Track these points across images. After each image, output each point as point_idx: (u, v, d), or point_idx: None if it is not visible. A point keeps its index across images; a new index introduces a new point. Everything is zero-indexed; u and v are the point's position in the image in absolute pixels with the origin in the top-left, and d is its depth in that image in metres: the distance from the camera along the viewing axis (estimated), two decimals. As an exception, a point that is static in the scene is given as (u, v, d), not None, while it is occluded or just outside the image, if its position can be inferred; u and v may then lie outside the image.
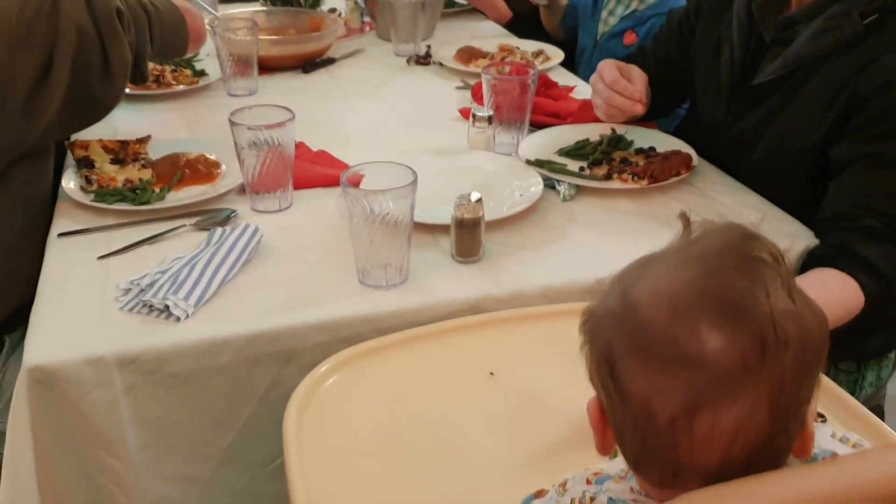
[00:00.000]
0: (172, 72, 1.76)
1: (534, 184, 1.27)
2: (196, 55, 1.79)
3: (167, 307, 0.97)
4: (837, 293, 1.06)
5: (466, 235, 1.09)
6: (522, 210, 1.21)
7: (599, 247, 1.15)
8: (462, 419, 0.87)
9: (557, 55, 1.92)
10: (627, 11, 1.93)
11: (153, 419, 0.96)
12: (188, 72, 1.78)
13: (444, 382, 0.91)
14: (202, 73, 1.79)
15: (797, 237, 1.17)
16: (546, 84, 1.66)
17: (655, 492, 0.58)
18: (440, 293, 1.04)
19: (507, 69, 1.46)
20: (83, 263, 1.09)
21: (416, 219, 1.07)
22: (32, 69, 1.10)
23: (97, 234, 1.16)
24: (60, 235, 1.15)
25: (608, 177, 1.30)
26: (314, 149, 1.45)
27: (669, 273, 0.55)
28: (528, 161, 1.34)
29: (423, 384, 0.90)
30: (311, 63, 1.88)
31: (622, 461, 0.61)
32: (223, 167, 1.34)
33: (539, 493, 0.69)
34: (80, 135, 1.36)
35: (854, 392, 1.33)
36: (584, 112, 1.50)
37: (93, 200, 1.22)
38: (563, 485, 0.66)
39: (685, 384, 0.52)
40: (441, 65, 1.88)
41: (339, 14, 2.17)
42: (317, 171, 1.34)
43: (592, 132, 1.45)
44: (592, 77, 1.39)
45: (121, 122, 1.51)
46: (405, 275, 1.07)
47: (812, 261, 1.12)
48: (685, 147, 1.38)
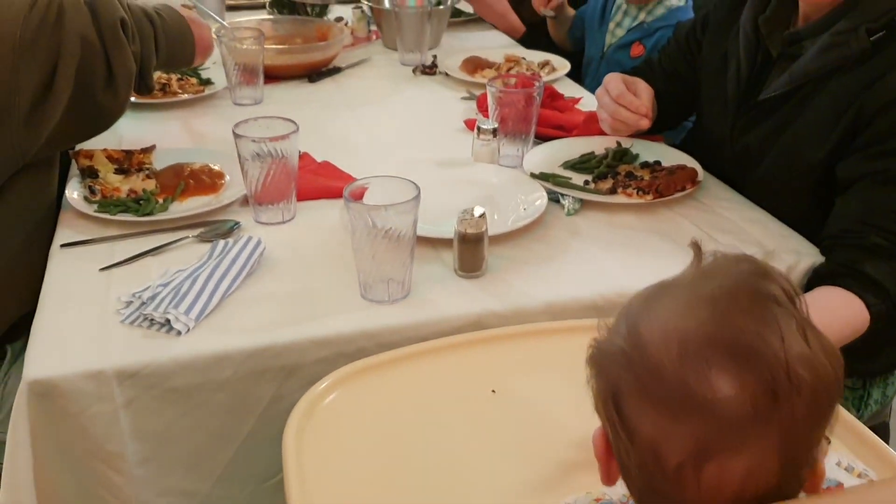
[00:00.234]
0: (179, 80, 1.76)
1: (538, 198, 1.26)
2: (202, 64, 1.79)
3: (168, 321, 0.97)
4: (843, 312, 1.05)
5: (469, 250, 1.09)
6: (526, 224, 1.20)
7: (603, 262, 1.15)
8: (463, 438, 0.86)
9: (563, 66, 1.91)
10: (635, 23, 1.92)
11: (153, 433, 0.96)
12: (194, 80, 1.78)
13: (445, 400, 0.90)
14: (208, 82, 1.79)
15: (802, 254, 1.16)
16: (552, 96, 1.65)
17: None
18: (442, 308, 1.04)
19: (513, 81, 1.46)
20: (85, 275, 1.09)
21: (420, 232, 1.06)
22: (36, 80, 1.10)
23: (100, 245, 1.16)
24: (63, 246, 1.15)
25: (613, 191, 1.29)
26: (319, 159, 1.44)
27: (679, 312, 0.54)
28: (533, 174, 1.33)
29: (424, 401, 0.90)
30: (318, 72, 1.88)
31: (624, 486, 0.61)
32: (227, 178, 1.34)
33: None
34: (85, 144, 1.36)
35: (859, 409, 1.32)
36: (590, 125, 1.49)
37: (96, 211, 1.22)
38: None
39: (694, 431, 0.51)
40: (447, 75, 1.88)
41: (346, 23, 2.17)
42: (320, 183, 1.34)
43: (598, 145, 1.44)
44: (598, 90, 1.38)
45: (126, 131, 1.51)
46: (407, 289, 1.06)
47: (817, 278, 1.12)
48: (691, 161, 1.37)
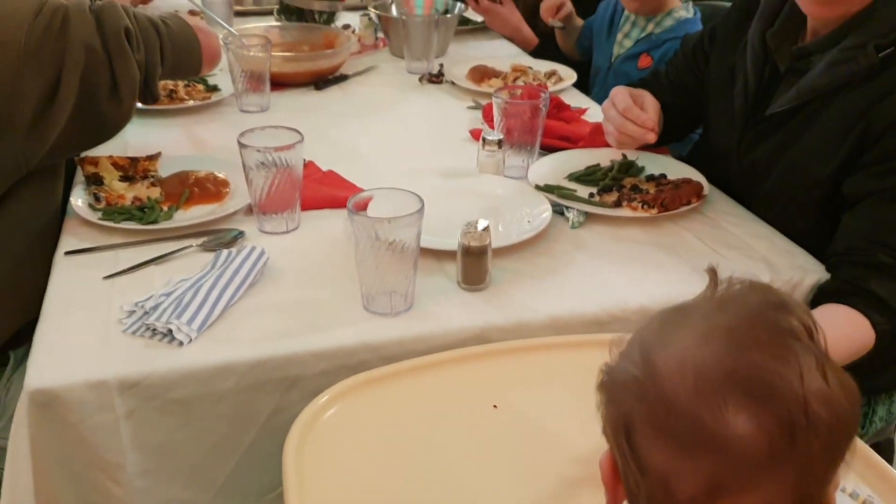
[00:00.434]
0: (186, 87, 1.76)
1: (542, 210, 1.26)
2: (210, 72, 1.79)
3: (170, 331, 0.97)
4: (848, 331, 1.05)
5: (473, 263, 1.08)
6: (530, 237, 1.20)
7: (607, 276, 1.14)
8: (464, 454, 0.85)
9: (570, 76, 1.91)
10: (643, 34, 1.92)
11: (154, 444, 0.96)
12: (201, 87, 1.78)
13: (446, 415, 0.90)
14: (215, 89, 1.79)
15: (808, 270, 1.16)
16: (558, 106, 1.65)
17: None
18: (445, 321, 1.04)
19: (519, 92, 1.45)
20: (89, 283, 1.09)
21: (423, 244, 1.06)
22: (40, 88, 1.10)
23: (104, 253, 1.16)
24: (67, 254, 1.15)
25: (618, 204, 1.29)
26: (324, 167, 1.44)
27: (695, 343, 0.53)
28: (538, 186, 1.33)
29: (425, 416, 0.89)
30: (324, 80, 1.88)
31: None
32: (232, 186, 1.34)
33: None
34: (91, 150, 1.37)
35: (864, 426, 1.32)
36: (596, 136, 1.49)
37: (100, 218, 1.22)
38: None
39: (707, 467, 0.50)
40: (453, 83, 1.88)
41: (353, 30, 2.17)
42: (325, 192, 1.34)
43: (603, 157, 1.44)
44: (604, 104, 1.38)
45: (132, 137, 1.51)
46: (410, 302, 1.06)
47: (823, 296, 1.11)
48: (696, 175, 1.37)
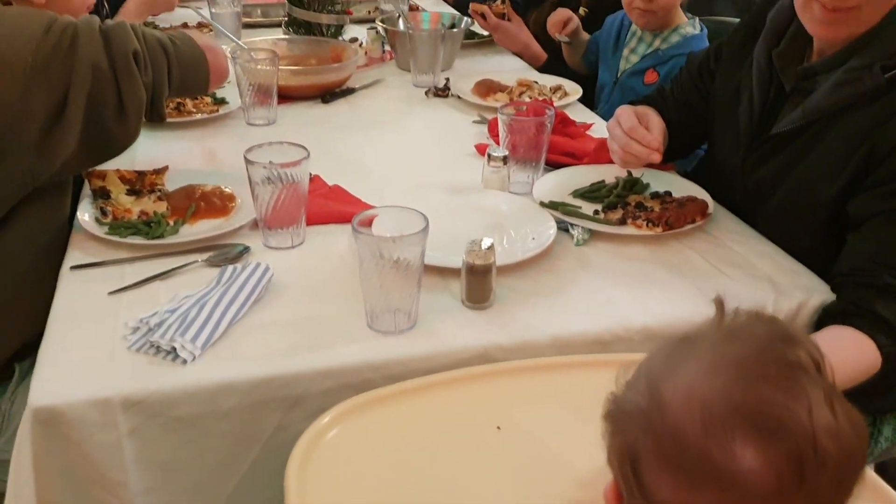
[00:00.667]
0: (193, 100, 1.77)
1: (547, 228, 1.26)
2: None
3: (174, 349, 0.97)
4: (854, 353, 1.04)
5: (477, 282, 1.09)
6: (535, 255, 1.20)
7: (612, 296, 1.14)
8: (466, 476, 0.85)
9: (576, 91, 1.91)
10: (649, 50, 1.92)
11: (157, 462, 0.96)
12: (208, 100, 1.79)
13: (449, 437, 0.89)
14: (222, 102, 1.80)
15: (813, 291, 1.15)
16: (563, 121, 1.65)
17: None
18: (449, 340, 1.04)
19: (524, 108, 1.45)
20: (94, 298, 1.09)
21: (427, 261, 1.06)
22: (47, 105, 1.11)
23: (110, 268, 1.16)
24: (73, 268, 1.16)
25: (623, 221, 1.29)
26: (330, 181, 1.45)
27: (703, 375, 0.53)
28: (542, 203, 1.33)
29: (427, 438, 0.89)
30: (331, 93, 1.89)
31: None
32: (238, 200, 1.34)
33: None
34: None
35: (870, 446, 1.31)
36: (601, 153, 1.49)
37: (107, 233, 1.22)
38: None
39: (714, 501, 0.50)
40: (459, 98, 1.88)
41: (361, 43, 2.18)
42: (330, 208, 1.34)
43: (608, 174, 1.44)
44: (610, 122, 1.38)
45: (140, 151, 1.52)
46: (414, 320, 1.06)
47: (828, 317, 1.11)
48: (701, 193, 1.37)
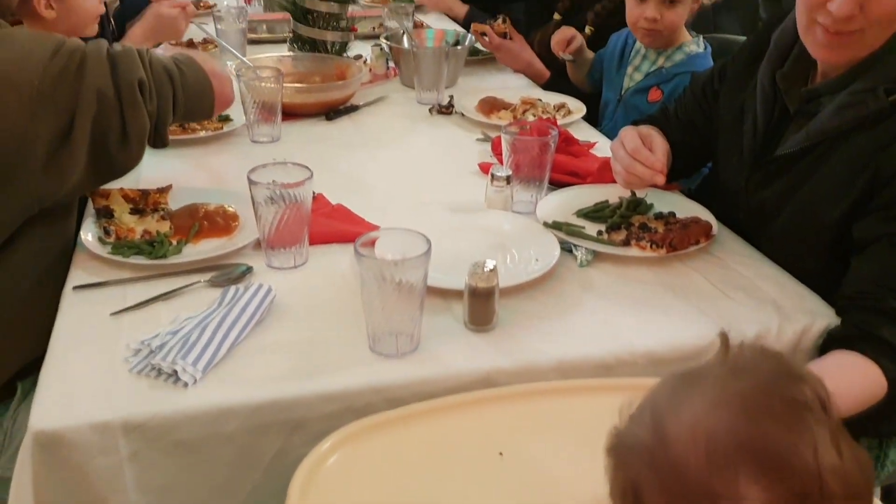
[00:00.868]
0: (197, 117, 1.77)
1: (551, 249, 1.25)
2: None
3: (175, 371, 0.97)
4: (859, 379, 1.03)
5: (480, 304, 1.08)
6: (538, 277, 1.19)
7: (615, 319, 1.13)
8: (468, 502, 0.85)
9: (579, 109, 1.91)
10: (653, 68, 1.92)
11: (157, 486, 0.95)
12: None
13: (450, 462, 0.89)
14: (227, 119, 1.81)
15: (817, 314, 1.15)
16: (566, 140, 1.65)
17: None
18: (451, 364, 1.03)
19: (528, 128, 1.45)
20: (96, 319, 1.09)
21: (430, 282, 1.06)
22: (53, 128, 1.12)
23: (112, 289, 1.16)
24: (76, 288, 1.16)
25: (626, 243, 1.28)
26: (333, 199, 1.45)
27: (707, 410, 0.53)
28: (546, 224, 1.33)
29: (428, 464, 0.89)
30: (335, 110, 1.90)
31: None
32: (241, 219, 1.34)
33: None
34: (103, 184, 1.38)
35: (875, 469, 1.30)
36: (604, 172, 1.48)
37: (110, 253, 1.22)
38: None
39: None
40: (463, 115, 1.89)
41: (365, 60, 2.19)
42: (334, 227, 1.34)
43: (612, 193, 1.43)
44: (613, 143, 1.38)
45: (144, 168, 1.51)
46: (416, 343, 1.05)
47: (832, 341, 1.10)
48: (705, 214, 1.36)
